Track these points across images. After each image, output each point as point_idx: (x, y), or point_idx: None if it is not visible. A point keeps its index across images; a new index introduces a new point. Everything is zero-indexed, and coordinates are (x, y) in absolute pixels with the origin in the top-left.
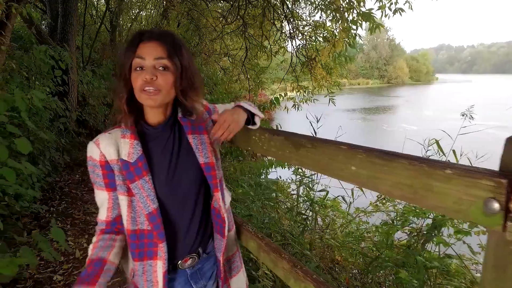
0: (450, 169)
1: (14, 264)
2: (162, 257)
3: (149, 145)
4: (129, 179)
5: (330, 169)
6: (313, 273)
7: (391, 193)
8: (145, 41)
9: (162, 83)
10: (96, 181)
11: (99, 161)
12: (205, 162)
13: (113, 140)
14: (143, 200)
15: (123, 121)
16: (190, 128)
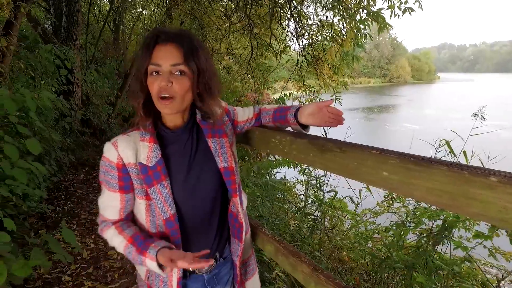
0: (495, 176)
1: (28, 266)
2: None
3: (168, 149)
4: (147, 183)
5: (358, 174)
6: (334, 278)
7: (426, 199)
8: (161, 44)
9: (178, 89)
10: (110, 182)
11: (116, 164)
12: (225, 166)
13: (131, 143)
14: (161, 205)
15: (141, 124)
16: (210, 131)
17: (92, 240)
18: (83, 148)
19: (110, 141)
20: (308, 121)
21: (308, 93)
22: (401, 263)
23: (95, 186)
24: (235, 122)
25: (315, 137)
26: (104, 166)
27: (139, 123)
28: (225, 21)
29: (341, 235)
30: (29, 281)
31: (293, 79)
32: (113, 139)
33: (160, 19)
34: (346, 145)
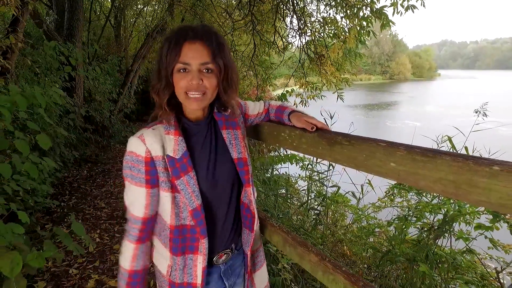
0: (498, 165)
1: (42, 257)
2: (203, 252)
3: (191, 141)
4: (174, 175)
5: (366, 166)
6: (342, 266)
7: (432, 188)
8: (189, 42)
9: (208, 85)
10: (136, 177)
11: (145, 157)
12: (238, 157)
13: (158, 137)
14: (189, 196)
15: (164, 117)
16: (224, 123)
17: (97, 235)
18: (85, 144)
19: (135, 135)
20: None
21: (310, 89)
22: (403, 257)
23: (98, 182)
24: (246, 115)
25: (325, 131)
26: (130, 162)
27: (162, 117)
28: (226, 18)
29: (344, 229)
30: (38, 273)
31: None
32: (138, 133)
33: (161, 15)
34: (354, 138)
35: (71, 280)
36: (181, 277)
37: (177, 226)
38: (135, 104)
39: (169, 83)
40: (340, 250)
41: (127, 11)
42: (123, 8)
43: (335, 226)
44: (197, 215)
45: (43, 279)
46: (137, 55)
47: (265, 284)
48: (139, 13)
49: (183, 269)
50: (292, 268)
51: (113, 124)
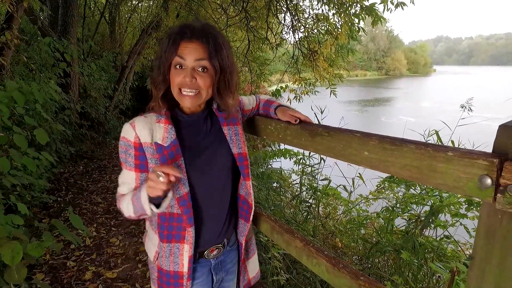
0: (452, 151)
1: (41, 246)
2: (189, 241)
3: (183, 131)
4: (162, 162)
5: (344, 155)
6: (324, 250)
7: (400, 174)
8: (187, 39)
9: (201, 84)
10: (128, 160)
11: (133, 143)
12: (239, 152)
13: (148, 124)
14: (175, 183)
15: (155, 109)
16: (225, 120)
17: (94, 229)
18: (81, 140)
19: (128, 122)
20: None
21: (304, 85)
22: (391, 247)
23: (94, 177)
24: (243, 111)
25: (307, 123)
26: (122, 146)
27: (154, 108)
28: (221, 13)
29: (335, 221)
30: (37, 266)
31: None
32: (131, 120)
33: (156, 11)
34: (333, 129)
35: (69, 272)
36: (168, 265)
37: (164, 213)
38: (131, 100)
39: (165, 78)
40: (331, 242)
41: (121, 7)
42: (118, 3)
43: (325, 218)
44: (183, 203)
45: (42, 271)
46: (132, 51)
47: (257, 271)
48: (133, 9)
49: (170, 257)
50: (284, 258)
51: (108, 120)
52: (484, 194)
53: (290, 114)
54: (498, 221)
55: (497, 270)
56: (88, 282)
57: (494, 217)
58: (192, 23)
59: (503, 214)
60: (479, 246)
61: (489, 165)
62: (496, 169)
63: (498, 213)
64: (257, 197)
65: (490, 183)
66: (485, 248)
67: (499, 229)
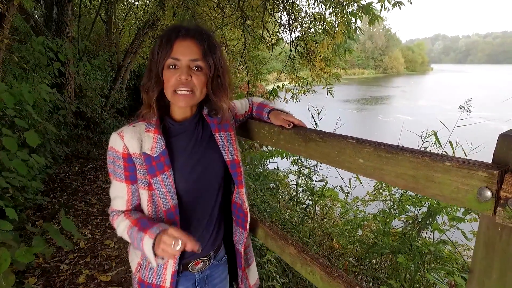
0: (449, 161)
1: (30, 252)
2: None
3: (173, 140)
4: (150, 173)
5: (338, 162)
6: (319, 257)
7: (396, 183)
8: (180, 39)
9: (196, 83)
10: (117, 172)
11: (122, 153)
12: (231, 159)
13: (137, 133)
14: (163, 195)
15: (147, 116)
16: (217, 126)
17: (89, 231)
18: (77, 140)
19: (116, 132)
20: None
21: (301, 84)
22: (388, 249)
23: (90, 178)
24: (236, 116)
25: (300, 128)
26: (111, 157)
27: (145, 116)
28: (218, 12)
29: (332, 223)
30: (29, 269)
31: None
32: (119, 130)
33: (152, 10)
34: (327, 135)
35: (62, 275)
36: (151, 277)
37: None
38: (127, 99)
39: (159, 80)
40: (328, 243)
41: (117, 5)
42: (114, 2)
43: (321, 220)
44: (170, 216)
45: (34, 275)
46: (128, 50)
47: (256, 278)
48: (130, 7)
49: (153, 269)
50: (279, 262)
51: (104, 119)
52: (483, 207)
53: (283, 118)
54: (498, 234)
55: (497, 285)
56: (81, 286)
57: (493, 230)
58: (185, 24)
59: (503, 227)
60: (478, 258)
61: (489, 177)
62: (496, 182)
63: (498, 226)
64: (253, 199)
65: (490, 195)
66: (484, 262)
67: (499, 242)
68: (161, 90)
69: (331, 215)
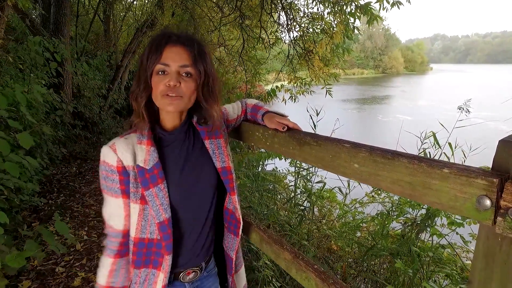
0: (447, 168)
1: (22, 257)
2: (165, 270)
3: (165, 151)
4: (143, 186)
5: (333, 166)
6: (314, 263)
7: (391, 189)
8: (170, 45)
9: (185, 90)
10: (111, 187)
11: (116, 167)
12: (222, 166)
13: (130, 146)
14: (156, 208)
15: (138, 127)
16: (207, 133)
17: (85, 232)
18: (74, 141)
19: (107, 145)
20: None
21: (299, 85)
22: (386, 251)
23: (87, 178)
24: (228, 121)
25: (294, 131)
26: (103, 171)
27: (137, 126)
28: (217, 12)
29: (330, 225)
30: (23, 272)
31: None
32: (111, 142)
33: (151, 10)
34: (322, 138)
35: (57, 278)
36: None
37: (142, 239)
38: (126, 99)
39: (147, 85)
40: (326, 245)
41: (116, 5)
42: (112, 2)
43: (319, 222)
44: (163, 229)
45: (28, 278)
46: (126, 50)
47: (244, 283)
48: (128, 7)
49: (143, 284)
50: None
51: (103, 120)
52: (482, 216)
53: (278, 121)
54: (498, 245)
55: None
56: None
57: (493, 240)
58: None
59: (504, 238)
60: (477, 269)
61: (488, 185)
62: (496, 190)
63: (498, 236)
64: (250, 201)
65: (489, 204)
66: (483, 273)
67: (499, 253)
68: (150, 96)
69: (330, 216)
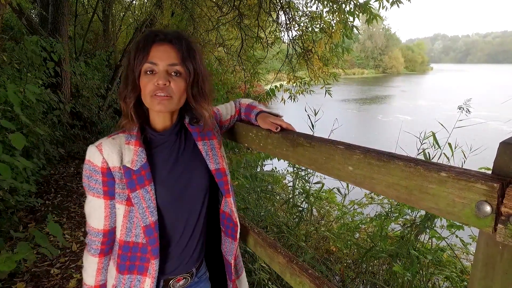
0: (445, 172)
1: (12, 260)
2: (152, 275)
3: (154, 152)
4: (130, 187)
5: (327, 168)
6: (308, 268)
7: (387, 193)
8: (158, 44)
9: (175, 89)
10: (94, 187)
11: (101, 168)
12: (216, 168)
13: (116, 146)
14: (142, 211)
15: (127, 127)
16: (199, 134)
17: (81, 233)
18: (73, 141)
19: (94, 144)
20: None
21: (299, 84)
22: (385, 253)
23: None
24: (221, 122)
25: (288, 132)
26: (87, 170)
27: (125, 127)
28: (216, 11)
29: (328, 226)
30: (18, 274)
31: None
32: (97, 142)
33: (150, 9)
34: (315, 139)
35: (52, 280)
36: None
37: (127, 242)
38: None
39: (135, 86)
40: (324, 247)
41: (115, 4)
42: (111, 1)
43: (317, 223)
44: (149, 233)
45: (23, 280)
46: (126, 50)
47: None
48: (127, 6)
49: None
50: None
51: (102, 120)
52: (482, 223)
53: (271, 121)
54: (499, 253)
55: None
56: None
57: (494, 248)
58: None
59: (505, 246)
60: (476, 279)
61: (489, 190)
62: (497, 195)
63: (499, 244)
64: (247, 202)
65: (490, 211)
66: (483, 283)
67: (499, 262)
68: (139, 97)
69: (328, 217)
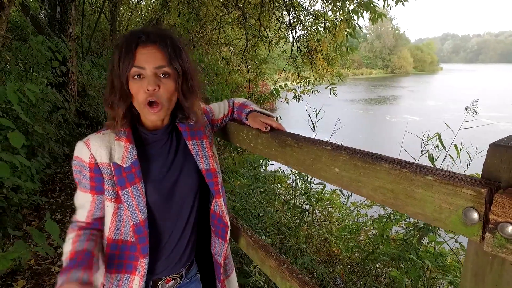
0: (432, 175)
1: (7, 258)
2: (141, 274)
3: (145, 150)
4: (120, 185)
5: (313, 170)
6: (298, 272)
7: (373, 197)
8: (142, 46)
9: (165, 94)
10: (82, 182)
11: (88, 163)
12: (206, 168)
13: (105, 142)
14: (132, 209)
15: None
16: (189, 133)
17: None
18: (79, 139)
19: (82, 140)
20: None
21: (303, 84)
22: (387, 256)
23: None
24: (213, 121)
25: (277, 132)
26: (76, 166)
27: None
28: (223, 11)
29: (329, 228)
30: (19, 272)
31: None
32: (85, 138)
33: (157, 9)
34: (303, 140)
35: (53, 278)
36: None
37: (116, 241)
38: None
39: (125, 93)
40: (326, 249)
41: (122, 4)
42: (118, 1)
43: (319, 225)
44: (139, 231)
45: (24, 277)
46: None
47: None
48: (134, 7)
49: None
50: None
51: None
52: (469, 232)
53: (261, 121)
54: (488, 263)
55: None
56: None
57: (483, 258)
58: (144, 28)
59: (495, 256)
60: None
61: (476, 195)
62: (485, 202)
63: (489, 254)
64: (247, 202)
65: (477, 218)
66: None
67: (489, 273)
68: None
69: (330, 219)
